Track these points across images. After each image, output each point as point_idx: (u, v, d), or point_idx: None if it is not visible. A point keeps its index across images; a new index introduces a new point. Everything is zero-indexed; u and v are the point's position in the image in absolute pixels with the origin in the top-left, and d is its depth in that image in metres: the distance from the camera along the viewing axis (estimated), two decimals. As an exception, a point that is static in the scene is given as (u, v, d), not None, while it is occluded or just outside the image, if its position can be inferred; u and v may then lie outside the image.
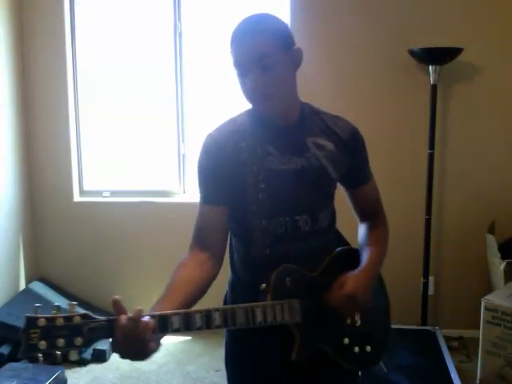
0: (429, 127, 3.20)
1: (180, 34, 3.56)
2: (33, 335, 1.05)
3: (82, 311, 1.13)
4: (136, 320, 1.10)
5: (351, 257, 1.52)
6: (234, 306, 1.27)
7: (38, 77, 3.61)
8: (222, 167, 1.37)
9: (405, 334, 3.15)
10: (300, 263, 1.37)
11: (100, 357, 3.19)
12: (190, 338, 3.48)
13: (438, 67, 3.11)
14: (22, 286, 3.57)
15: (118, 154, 3.77)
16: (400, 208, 3.41)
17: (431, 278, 3.39)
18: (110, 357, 3.24)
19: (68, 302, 1.10)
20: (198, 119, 3.66)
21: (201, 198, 1.42)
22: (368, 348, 1.45)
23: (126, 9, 3.65)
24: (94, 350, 3.21)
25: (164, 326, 1.16)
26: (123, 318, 1.11)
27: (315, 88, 3.40)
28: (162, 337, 1.17)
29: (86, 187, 3.77)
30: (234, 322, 1.24)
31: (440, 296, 3.46)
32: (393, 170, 3.40)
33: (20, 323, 1.03)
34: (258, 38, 1.32)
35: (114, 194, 3.72)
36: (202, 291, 1.36)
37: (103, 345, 3.26)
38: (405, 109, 3.35)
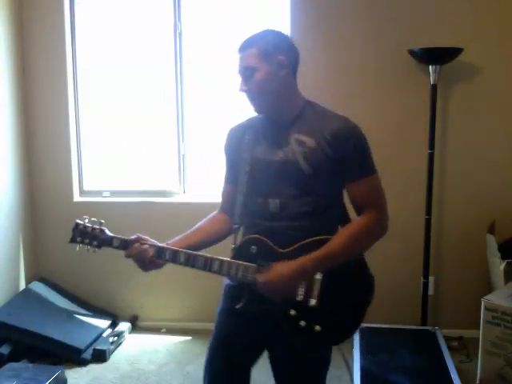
0: (429, 127, 3.20)
1: (180, 34, 3.56)
2: (74, 232, 1.88)
3: (103, 228, 1.85)
4: (136, 245, 1.69)
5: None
6: (199, 253, 1.66)
7: (38, 77, 3.62)
8: (231, 154, 1.79)
9: (405, 334, 3.15)
10: (276, 238, 1.62)
11: (100, 357, 3.19)
12: (190, 338, 3.48)
13: (437, 67, 3.11)
14: (22, 285, 3.57)
15: (118, 154, 3.76)
16: (400, 208, 3.41)
17: (431, 278, 3.39)
18: (110, 357, 3.23)
19: (68, 301, 1.17)
20: (198, 119, 3.66)
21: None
22: (317, 327, 1.57)
23: (126, 9, 3.65)
24: (94, 349, 3.20)
25: (159, 254, 1.67)
26: (132, 242, 1.71)
27: (315, 88, 3.39)
28: (160, 261, 1.67)
29: (85, 187, 3.77)
30: (193, 264, 1.65)
31: (440, 296, 3.46)
32: (393, 170, 3.39)
33: (20, 323, 1.08)
34: (245, 51, 1.65)
35: (113, 193, 3.72)
36: (218, 238, 1.80)
37: (103, 345, 3.26)
38: (405, 109, 3.35)
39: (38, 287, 3.57)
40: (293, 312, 1.59)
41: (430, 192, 3.23)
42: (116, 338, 3.37)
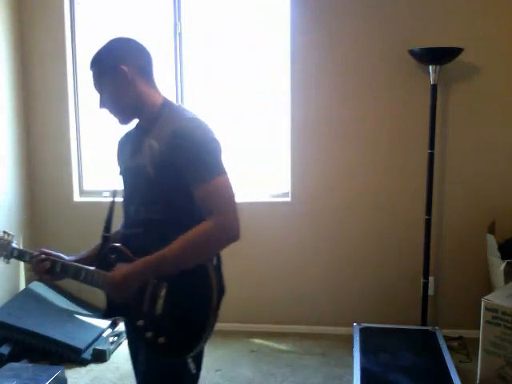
0: (429, 127, 3.20)
1: (180, 34, 3.56)
2: None
3: (11, 240, 1.93)
4: (37, 260, 1.72)
5: None
6: (75, 264, 1.69)
7: (38, 77, 3.62)
8: (118, 162, 1.79)
9: (405, 334, 3.15)
10: (133, 246, 1.61)
11: (100, 357, 3.19)
12: (190, 337, 3.48)
13: (437, 67, 3.11)
14: (22, 285, 3.57)
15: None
16: (400, 208, 3.42)
17: (431, 278, 3.39)
18: (110, 357, 3.23)
19: (68, 301, 1.21)
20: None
21: None
22: (162, 339, 1.52)
23: (126, 9, 3.66)
24: (94, 349, 3.20)
25: (53, 267, 1.70)
26: (35, 256, 1.74)
27: (315, 88, 3.40)
28: (57, 274, 1.71)
29: (85, 187, 3.77)
30: (66, 273, 1.69)
31: (440, 296, 3.46)
32: (393, 170, 3.40)
33: (20, 323, 1.08)
34: (91, 70, 1.65)
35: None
36: None
37: (103, 345, 3.26)
38: (405, 109, 3.35)
39: (38, 287, 3.57)
40: (140, 322, 1.55)
41: (430, 192, 3.23)
42: (116, 337, 3.37)
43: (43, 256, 1.71)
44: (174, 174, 1.52)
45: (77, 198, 3.73)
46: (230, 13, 3.56)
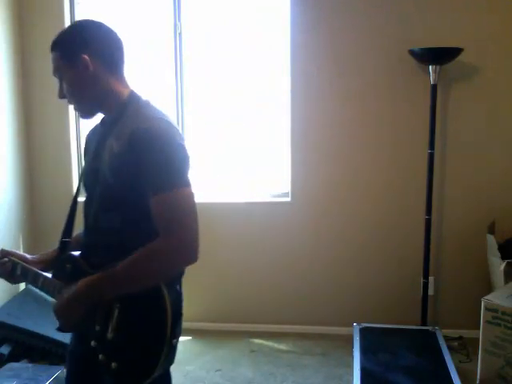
0: (429, 127, 3.20)
1: (180, 34, 3.56)
2: None
3: None
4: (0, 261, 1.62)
5: None
6: (33, 269, 1.61)
7: (38, 77, 3.61)
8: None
9: (405, 334, 3.15)
10: (91, 255, 1.50)
11: (100, 357, 3.19)
12: (190, 338, 3.48)
13: (437, 67, 3.11)
14: (22, 285, 3.57)
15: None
16: (400, 208, 3.42)
17: (431, 278, 3.39)
18: (110, 357, 3.23)
19: None
20: (198, 119, 3.66)
21: None
22: (114, 365, 1.37)
23: (126, 9, 3.66)
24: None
25: (13, 269, 1.62)
26: None
27: (315, 87, 3.40)
28: (18, 277, 1.63)
29: (86, 187, 3.77)
30: (25, 277, 1.62)
31: (440, 296, 3.46)
32: (393, 170, 3.40)
33: (20, 323, 1.09)
34: (52, 54, 1.49)
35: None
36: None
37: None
38: (405, 109, 3.35)
39: (38, 287, 3.56)
40: (94, 343, 1.42)
41: (430, 192, 3.23)
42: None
43: (6, 259, 1.63)
44: (132, 181, 1.36)
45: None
46: (230, 13, 3.56)
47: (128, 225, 1.42)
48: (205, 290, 3.61)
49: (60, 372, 2.83)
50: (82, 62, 1.44)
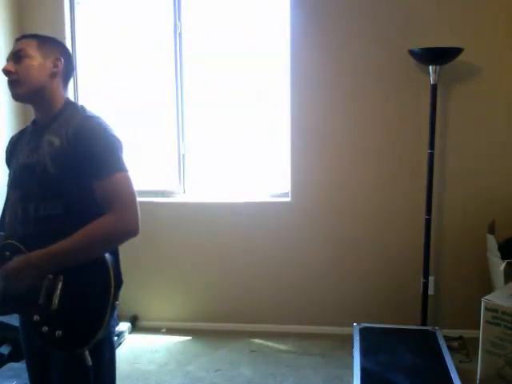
0: (429, 127, 3.20)
1: (180, 34, 3.56)
2: None
3: None
4: None
5: None
6: None
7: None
8: (8, 160, 1.80)
9: (405, 334, 3.15)
10: (30, 244, 1.58)
11: (100, 357, 3.19)
12: (190, 337, 3.48)
13: (437, 67, 3.11)
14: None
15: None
16: (400, 208, 3.42)
17: (431, 278, 3.39)
18: (109, 357, 3.23)
19: None
20: (198, 119, 3.66)
21: None
22: (59, 333, 1.52)
23: (126, 9, 3.65)
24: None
25: None
26: None
27: (315, 87, 3.40)
28: None
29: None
30: None
31: (440, 296, 3.46)
32: (393, 170, 3.40)
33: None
34: (24, 40, 1.71)
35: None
36: None
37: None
38: (405, 109, 3.35)
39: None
40: (36, 317, 1.56)
41: (430, 192, 3.23)
42: (116, 338, 3.37)
43: None
44: (74, 170, 1.55)
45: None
46: (229, 13, 3.56)
47: (70, 211, 1.58)
48: (205, 290, 3.61)
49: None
50: (55, 62, 1.66)
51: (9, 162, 1.79)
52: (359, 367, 2.74)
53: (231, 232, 3.56)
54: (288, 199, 3.54)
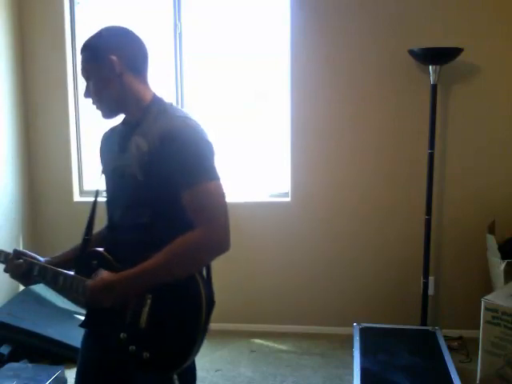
0: (429, 127, 3.20)
1: (180, 34, 3.56)
2: None
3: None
4: (12, 260, 1.61)
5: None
6: (52, 267, 1.57)
7: (38, 77, 3.61)
8: (101, 159, 1.72)
9: (405, 334, 3.15)
10: (117, 253, 1.53)
11: (100, 357, 3.19)
12: (189, 337, 3.48)
13: (437, 67, 3.11)
14: (22, 285, 3.57)
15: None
16: (400, 208, 3.42)
17: (431, 278, 3.39)
18: (109, 357, 3.23)
19: (68, 301, 1.18)
20: (198, 119, 3.66)
21: None
22: (146, 355, 1.42)
23: (126, 9, 3.66)
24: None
25: (30, 270, 1.59)
26: (11, 256, 1.61)
27: (315, 87, 3.40)
28: (33, 278, 1.60)
29: (85, 187, 3.77)
30: (43, 277, 1.59)
31: (440, 296, 3.46)
32: (393, 170, 3.40)
33: (20, 323, 1.09)
34: (81, 54, 1.55)
35: (114, 193, 3.72)
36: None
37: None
38: (405, 109, 3.35)
39: (38, 287, 3.55)
40: (123, 335, 1.45)
41: (430, 192, 3.23)
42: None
43: (20, 260, 1.59)
44: (162, 177, 1.43)
45: (77, 197, 3.73)
46: (229, 13, 3.56)
47: (157, 220, 1.47)
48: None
49: (60, 372, 2.83)
50: (110, 62, 1.49)
51: (101, 159, 1.71)
52: (359, 367, 2.74)
53: (231, 232, 3.55)
54: (288, 199, 3.54)
